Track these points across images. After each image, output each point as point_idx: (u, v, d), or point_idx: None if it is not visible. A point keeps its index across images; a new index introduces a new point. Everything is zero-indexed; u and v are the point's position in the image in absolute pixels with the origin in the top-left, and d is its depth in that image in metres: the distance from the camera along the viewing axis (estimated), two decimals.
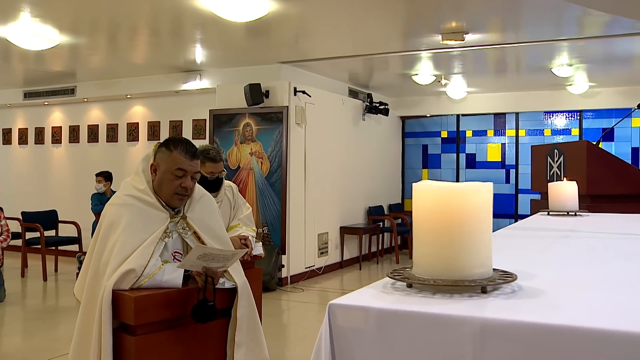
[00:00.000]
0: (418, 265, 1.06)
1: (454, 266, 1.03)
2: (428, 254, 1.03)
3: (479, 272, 1.03)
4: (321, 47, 7.68)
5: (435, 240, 1.03)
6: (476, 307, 0.93)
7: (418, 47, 7.48)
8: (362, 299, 1.00)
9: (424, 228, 1.04)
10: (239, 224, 4.24)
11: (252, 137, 8.46)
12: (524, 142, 11.18)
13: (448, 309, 0.93)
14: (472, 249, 1.03)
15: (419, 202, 1.05)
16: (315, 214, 8.92)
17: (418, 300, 0.98)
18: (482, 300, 0.96)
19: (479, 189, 1.01)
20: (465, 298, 0.97)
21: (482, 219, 1.03)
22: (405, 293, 1.01)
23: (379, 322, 0.94)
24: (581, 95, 10.22)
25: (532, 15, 6.13)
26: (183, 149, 2.76)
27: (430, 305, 0.95)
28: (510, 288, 1.04)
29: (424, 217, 1.04)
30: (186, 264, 2.57)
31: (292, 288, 8.21)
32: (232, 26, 6.33)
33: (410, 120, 12.10)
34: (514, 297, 0.99)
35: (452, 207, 1.01)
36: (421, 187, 1.04)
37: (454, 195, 1.01)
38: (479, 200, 1.02)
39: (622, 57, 7.97)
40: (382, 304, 0.96)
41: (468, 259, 1.02)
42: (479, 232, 1.03)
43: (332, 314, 0.97)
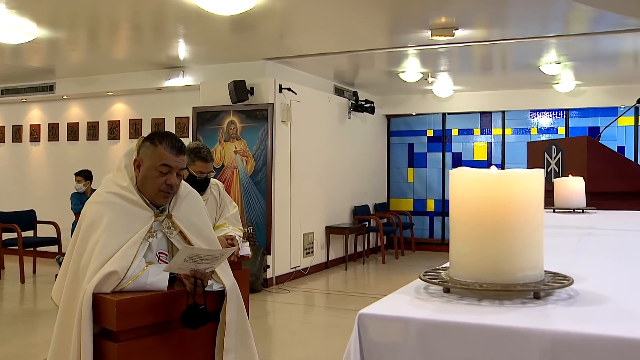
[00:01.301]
0: (456, 267, 0.90)
1: (503, 268, 0.87)
2: (470, 253, 0.87)
3: (531, 274, 0.88)
4: (306, 43, 7.54)
5: (479, 238, 0.87)
6: (540, 318, 0.77)
7: (405, 44, 7.37)
8: (397, 307, 0.84)
9: (465, 223, 0.88)
10: (226, 223, 4.14)
11: (236, 135, 8.28)
12: (510, 141, 11.12)
13: (507, 320, 0.77)
14: (523, 248, 0.87)
15: (458, 192, 0.89)
16: (301, 213, 8.77)
17: (465, 308, 0.82)
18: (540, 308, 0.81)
19: (530, 175, 0.86)
20: (518, 305, 0.82)
21: (534, 211, 0.87)
22: (445, 300, 0.85)
23: (423, 336, 0.78)
24: (567, 94, 10.17)
25: (519, 11, 6.05)
26: (168, 144, 2.60)
27: (484, 315, 0.79)
28: (566, 293, 0.89)
29: (464, 210, 0.88)
30: (173, 267, 2.42)
31: (277, 289, 8.06)
32: (217, 21, 6.16)
33: (396, 119, 11.99)
34: (575, 304, 0.84)
35: (499, 197, 0.86)
36: (461, 175, 0.88)
37: (501, 184, 0.85)
38: (531, 189, 0.86)
39: (608, 55, 7.92)
40: (424, 313, 0.80)
41: (519, 259, 0.87)
42: (531, 228, 0.88)
43: (363, 326, 0.81)
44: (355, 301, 7.66)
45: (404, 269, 9.95)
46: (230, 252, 2.61)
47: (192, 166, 3.70)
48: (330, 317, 7.11)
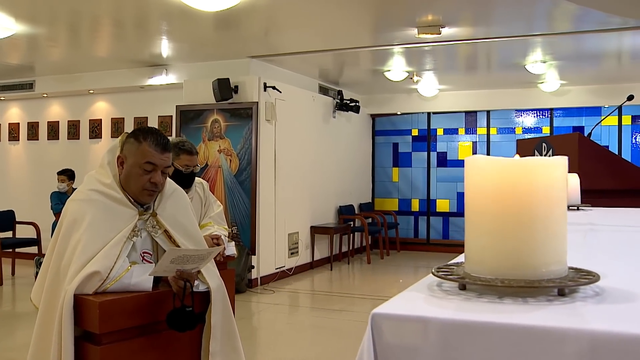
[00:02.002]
0: (473, 261, 0.82)
1: (526, 262, 0.80)
2: (488, 246, 0.79)
3: (555, 269, 0.81)
4: (291, 41, 7.47)
5: (498, 230, 0.80)
6: (574, 317, 0.70)
7: (391, 42, 7.32)
8: (414, 306, 0.76)
9: (483, 214, 0.81)
10: (211, 222, 4.08)
11: (220, 133, 8.18)
12: (495, 140, 11.12)
13: (538, 319, 0.70)
14: (547, 240, 0.80)
15: (474, 181, 0.82)
16: (286, 213, 8.69)
17: (488, 307, 0.74)
18: (569, 306, 0.74)
19: (553, 163, 0.79)
20: (544, 303, 0.75)
21: (557, 200, 0.80)
22: (462, 297, 0.78)
23: (444, 337, 0.70)
24: (552, 94, 10.20)
25: (504, 9, 6.04)
26: (153, 141, 2.51)
27: (511, 314, 0.72)
28: (591, 290, 0.83)
29: (481, 200, 0.80)
30: (159, 270, 2.34)
31: (262, 290, 7.97)
32: (201, 17, 6.07)
33: (381, 118, 11.95)
34: (605, 301, 0.77)
35: (520, 186, 0.79)
36: (477, 163, 0.81)
37: (522, 172, 0.78)
38: (553, 177, 0.80)
39: (592, 55, 7.94)
40: (445, 313, 0.72)
41: (543, 253, 0.80)
42: (555, 218, 0.81)
43: (377, 327, 0.73)
44: (341, 301, 7.60)
45: (389, 269, 9.91)
46: (217, 251, 2.53)
47: (177, 160, 3.63)
48: (316, 317, 7.04)
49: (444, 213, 11.51)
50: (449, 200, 11.47)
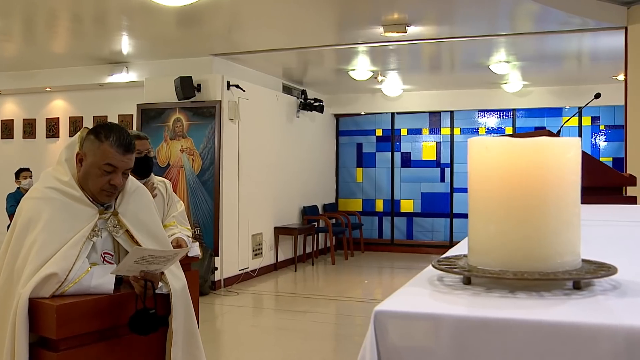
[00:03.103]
0: (478, 252, 0.74)
1: (539, 253, 0.72)
2: (496, 235, 0.71)
3: (570, 260, 0.73)
4: (255, 39, 7.36)
5: (508, 216, 0.71)
6: (602, 312, 0.63)
7: (356, 40, 7.27)
8: (421, 303, 0.67)
9: (490, 199, 0.72)
10: (174, 222, 3.99)
11: (182, 133, 8.02)
12: (458, 140, 11.18)
13: (564, 315, 0.62)
14: (560, 229, 0.72)
15: (480, 164, 0.73)
16: (249, 213, 8.57)
17: (503, 302, 0.66)
18: (590, 300, 0.67)
19: (567, 143, 0.71)
20: (562, 297, 0.67)
21: (571, 184, 0.73)
22: (470, 292, 0.69)
23: (460, 336, 0.61)
24: (515, 94, 10.29)
25: (468, 9, 6.05)
26: (115, 141, 2.36)
27: (531, 310, 0.64)
28: (607, 283, 0.76)
29: (488, 185, 0.72)
30: (122, 269, 2.22)
31: (225, 291, 7.84)
32: (162, 13, 5.92)
33: (345, 119, 11.91)
34: (627, 295, 0.70)
35: (531, 168, 0.71)
36: (483, 144, 0.73)
37: (534, 153, 0.70)
38: (568, 159, 0.72)
39: (553, 55, 8.03)
40: (458, 309, 0.64)
41: (557, 243, 0.72)
42: (569, 204, 0.73)
43: (381, 326, 0.63)
44: (305, 303, 7.53)
45: (353, 269, 9.87)
46: (183, 253, 2.43)
47: None
48: (280, 319, 6.95)
49: (408, 213, 11.52)
50: (413, 201, 11.48)
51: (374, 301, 7.91)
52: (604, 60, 8.16)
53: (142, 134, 3.76)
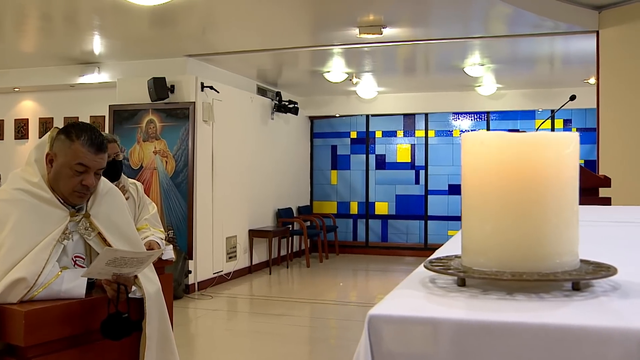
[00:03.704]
0: (473, 252, 0.70)
1: (537, 252, 0.68)
2: (492, 234, 0.67)
3: (569, 260, 0.70)
4: (229, 40, 7.29)
5: (504, 214, 0.68)
6: (610, 315, 0.60)
7: (331, 42, 7.25)
8: (417, 306, 0.63)
9: (485, 196, 0.68)
10: (147, 224, 3.92)
11: (156, 134, 7.91)
12: (433, 143, 11.22)
13: (571, 317, 0.59)
14: (559, 227, 0.69)
15: (476, 159, 0.70)
16: (223, 216, 8.49)
17: (504, 305, 0.63)
18: (594, 302, 0.64)
19: (565, 138, 0.68)
20: (563, 299, 0.64)
21: (570, 181, 0.70)
22: (467, 294, 0.66)
23: (461, 342, 0.57)
24: (489, 97, 10.36)
25: (442, 11, 6.07)
26: (87, 140, 2.31)
27: (536, 312, 0.61)
28: (607, 284, 0.73)
29: (483, 181, 0.68)
30: (93, 272, 2.15)
31: (199, 295, 7.74)
32: (135, 13, 5.82)
33: (319, 121, 11.89)
34: (630, 296, 0.67)
35: (529, 164, 0.67)
36: (478, 139, 0.69)
37: (532, 148, 0.67)
38: (567, 154, 0.69)
39: (526, 58, 8.10)
40: (458, 313, 0.60)
41: (556, 242, 0.69)
42: (568, 202, 0.70)
43: (376, 332, 0.59)
44: (280, 306, 7.47)
45: (328, 272, 9.83)
46: (157, 255, 2.37)
47: None
48: (255, 322, 6.89)
49: (382, 216, 11.53)
50: (387, 203, 11.49)
51: (349, 304, 7.90)
52: (575, 64, 8.25)
53: (110, 137, 3.69)
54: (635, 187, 5.23)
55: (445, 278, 0.73)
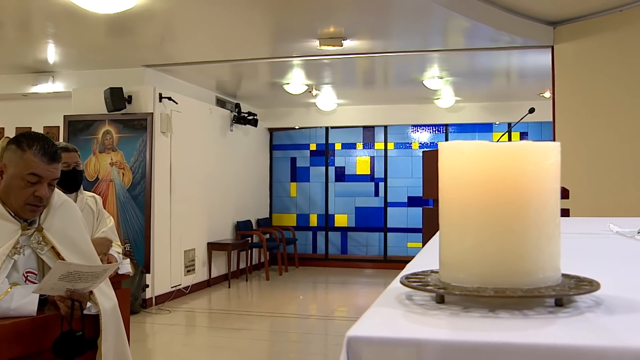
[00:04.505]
0: (452, 268, 0.66)
1: (520, 268, 0.65)
2: (473, 249, 0.64)
3: (551, 275, 0.67)
4: (188, 51, 7.20)
5: (486, 229, 0.65)
6: (601, 332, 0.57)
7: (291, 53, 7.22)
8: (397, 326, 0.59)
9: (465, 209, 0.65)
10: None
11: (112, 146, 7.75)
12: (392, 155, 11.28)
13: (562, 336, 0.56)
14: (542, 241, 0.66)
15: (454, 171, 0.67)
16: (182, 229, 8.35)
17: (488, 323, 0.59)
18: (580, 318, 0.61)
19: (548, 148, 0.66)
20: (549, 316, 0.61)
21: (552, 194, 0.67)
22: (448, 312, 0.62)
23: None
24: (447, 110, 10.48)
25: (401, 23, 6.10)
26: (39, 149, 2.22)
27: (525, 331, 0.57)
28: (589, 299, 0.70)
29: (463, 193, 0.65)
30: (45, 287, 2.05)
31: (157, 310, 7.58)
32: (92, 21, 5.70)
33: (279, 133, 11.84)
34: (617, 312, 0.64)
35: (511, 175, 0.64)
36: (457, 149, 0.66)
37: (513, 158, 0.64)
38: (548, 165, 0.66)
39: (484, 72, 8.22)
40: (441, 333, 0.56)
41: (538, 256, 0.66)
42: (550, 215, 0.68)
43: (355, 354, 0.53)
44: (240, 320, 7.37)
45: (288, 285, 9.76)
46: (113, 269, 2.29)
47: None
48: (214, 337, 6.77)
49: (342, 228, 11.52)
50: (347, 215, 11.49)
51: (310, 317, 7.84)
52: (531, 78, 8.41)
53: (71, 146, 3.59)
54: (591, 199, 5.33)
55: (423, 295, 0.69)
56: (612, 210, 4.04)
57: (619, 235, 1.58)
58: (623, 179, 5.57)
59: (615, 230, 1.69)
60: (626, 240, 1.46)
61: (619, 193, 5.56)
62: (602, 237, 1.51)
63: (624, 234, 1.60)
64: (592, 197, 5.38)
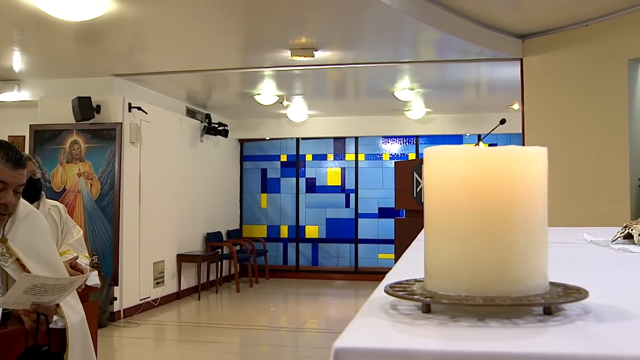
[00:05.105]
0: (439, 276, 0.64)
1: (509, 276, 0.63)
2: (461, 256, 0.62)
3: (539, 283, 0.65)
4: (158, 60, 7.14)
5: (474, 236, 0.62)
6: (595, 340, 0.55)
7: (262, 64, 7.20)
8: (385, 336, 0.56)
9: (452, 216, 0.63)
10: (69, 249, 3.70)
11: (80, 156, 7.62)
12: (363, 166, 11.30)
13: (554, 345, 0.54)
14: (532, 248, 0.64)
15: (442, 177, 0.64)
16: (151, 240, 8.24)
17: (480, 333, 0.57)
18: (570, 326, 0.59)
19: (536, 153, 0.64)
20: (539, 325, 0.59)
21: (540, 200, 0.66)
22: (436, 322, 0.60)
23: None
24: (418, 121, 10.54)
25: (372, 35, 6.13)
26: (3, 156, 2.17)
27: (516, 340, 0.55)
28: (578, 307, 0.69)
29: (451, 200, 0.63)
30: (9, 301, 1.99)
31: (125, 323, 7.45)
32: (60, 28, 5.61)
33: (249, 143, 11.79)
34: (607, 319, 0.62)
35: (500, 181, 0.62)
36: (444, 153, 0.64)
37: (504, 164, 0.62)
38: (537, 170, 0.65)
39: (454, 84, 8.29)
40: (433, 343, 0.54)
41: (527, 264, 0.64)
42: (539, 221, 0.66)
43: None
44: (210, 332, 7.28)
45: (258, 297, 9.69)
46: (81, 281, 2.22)
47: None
48: (184, 350, 6.68)
49: (313, 239, 11.49)
50: (318, 227, 11.47)
51: (281, 329, 7.78)
52: (500, 90, 8.51)
53: (25, 155, 3.49)
54: (562, 209, 5.38)
55: (408, 304, 0.67)
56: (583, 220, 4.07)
57: (594, 244, 1.58)
58: (592, 189, 5.65)
59: (589, 239, 1.70)
60: (601, 249, 1.47)
61: (589, 203, 5.63)
62: (578, 246, 1.52)
63: (598, 242, 1.60)
64: (562, 208, 5.44)
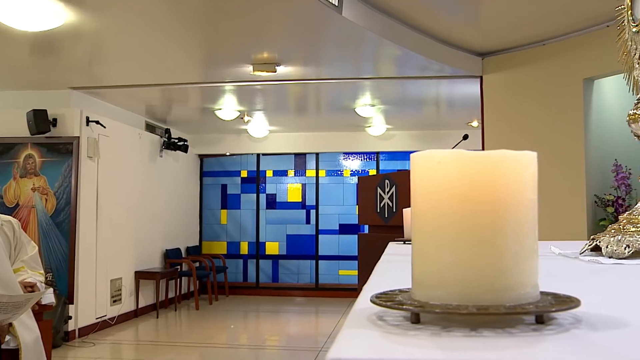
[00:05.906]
0: (427, 285, 0.61)
1: (502, 284, 0.61)
2: (452, 264, 0.59)
3: (530, 292, 0.63)
4: (117, 74, 7.03)
5: (465, 243, 0.60)
6: (596, 348, 0.53)
7: (223, 78, 7.15)
8: (380, 347, 0.53)
9: (442, 223, 0.61)
10: (24, 266, 3.56)
11: (35, 170, 7.42)
12: (323, 182, 11.30)
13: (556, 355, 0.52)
14: (523, 256, 0.62)
15: (431, 182, 0.62)
16: (108, 257, 8.05)
17: (476, 343, 0.54)
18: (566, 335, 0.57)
19: (526, 158, 0.62)
20: (534, 334, 0.57)
21: (530, 206, 0.64)
22: (428, 332, 0.57)
23: None
24: (378, 137, 10.60)
25: (333, 51, 6.16)
26: None
27: (516, 350, 0.52)
28: (569, 316, 0.67)
29: (441, 205, 0.61)
30: None
31: (80, 342, 7.24)
32: (14, 39, 5.47)
33: (209, 159, 11.68)
34: (601, 328, 0.60)
35: (493, 186, 0.60)
36: (433, 158, 0.62)
37: (495, 169, 0.59)
38: (527, 176, 0.63)
39: (414, 100, 8.37)
40: (432, 354, 0.50)
41: (519, 271, 0.61)
42: (530, 227, 0.64)
43: None
44: (169, 351, 7.13)
45: (218, 314, 9.55)
46: (37, 298, 2.14)
47: None
48: None
49: (273, 256, 11.41)
50: (278, 243, 11.40)
51: (241, 347, 7.67)
52: (459, 107, 8.63)
53: None
54: None
55: (394, 315, 0.64)
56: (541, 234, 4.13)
57: (562, 257, 1.58)
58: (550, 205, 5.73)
59: (557, 252, 1.70)
60: (571, 261, 1.47)
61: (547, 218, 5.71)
62: (548, 259, 1.51)
63: (567, 255, 1.61)
64: None
